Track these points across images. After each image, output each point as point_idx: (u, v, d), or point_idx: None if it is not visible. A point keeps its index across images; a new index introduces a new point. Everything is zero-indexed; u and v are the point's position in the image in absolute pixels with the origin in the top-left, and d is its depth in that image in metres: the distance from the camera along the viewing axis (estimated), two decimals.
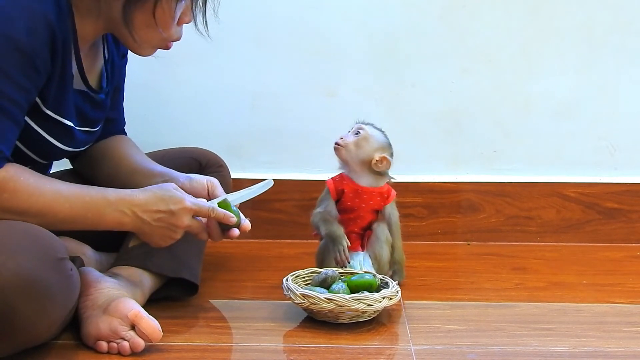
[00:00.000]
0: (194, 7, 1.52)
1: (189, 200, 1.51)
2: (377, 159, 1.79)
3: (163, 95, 2.21)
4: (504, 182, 2.26)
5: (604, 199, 2.25)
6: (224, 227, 1.56)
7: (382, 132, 1.84)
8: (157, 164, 1.71)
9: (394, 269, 1.84)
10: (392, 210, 1.83)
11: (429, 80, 2.23)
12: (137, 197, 1.49)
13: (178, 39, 1.56)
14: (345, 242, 1.78)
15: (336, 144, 1.78)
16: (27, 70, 1.39)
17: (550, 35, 2.22)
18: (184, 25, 1.56)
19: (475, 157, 2.26)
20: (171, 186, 1.53)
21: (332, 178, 1.82)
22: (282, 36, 2.20)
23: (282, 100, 2.23)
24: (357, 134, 1.79)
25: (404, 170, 2.24)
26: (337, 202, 1.82)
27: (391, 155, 1.82)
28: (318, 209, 1.82)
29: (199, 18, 1.54)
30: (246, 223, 1.59)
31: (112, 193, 1.48)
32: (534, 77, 2.23)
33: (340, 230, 1.79)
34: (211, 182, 1.64)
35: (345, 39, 2.21)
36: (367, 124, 1.83)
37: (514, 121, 2.25)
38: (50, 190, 1.42)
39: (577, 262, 2.12)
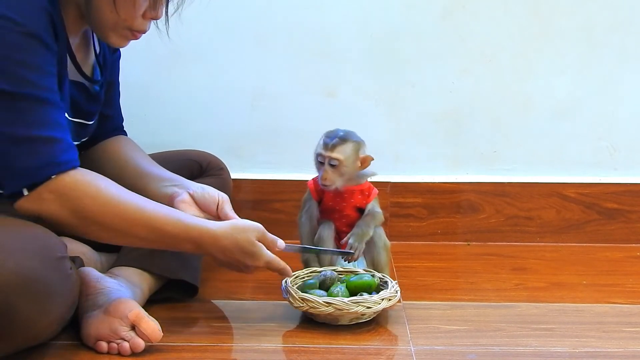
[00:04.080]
0: (156, 4, 1.50)
1: (265, 260, 1.54)
2: (359, 165, 1.77)
3: (163, 95, 2.21)
4: (504, 183, 2.26)
5: (604, 199, 2.25)
6: None
7: (345, 134, 1.76)
8: (162, 168, 1.72)
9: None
10: (373, 207, 1.80)
11: (429, 80, 2.23)
12: (219, 241, 1.49)
13: (143, 31, 1.54)
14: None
15: (324, 185, 1.76)
16: (46, 56, 1.40)
17: (550, 35, 2.21)
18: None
19: (475, 157, 2.26)
20: (256, 235, 1.53)
21: (313, 179, 1.82)
22: (282, 36, 2.20)
23: (282, 101, 2.23)
24: (332, 165, 1.76)
25: (404, 171, 2.26)
26: (320, 202, 1.81)
27: (365, 145, 1.78)
28: (302, 212, 1.82)
29: (162, 17, 1.53)
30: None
31: (194, 227, 1.48)
32: (534, 77, 2.23)
33: (311, 255, 1.80)
34: (222, 198, 1.64)
35: (345, 39, 2.21)
36: (332, 141, 1.74)
37: (514, 121, 2.25)
38: (132, 208, 1.44)
39: (577, 262, 2.12)
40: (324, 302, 1.59)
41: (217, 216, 1.62)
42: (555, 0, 2.20)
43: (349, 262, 1.79)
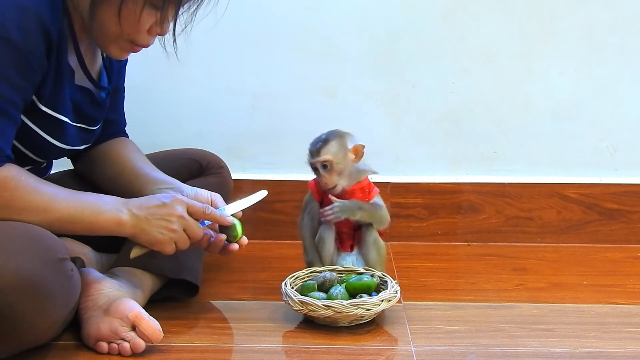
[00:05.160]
0: (162, 21, 1.50)
1: (181, 195, 1.55)
2: (353, 157, 1.77)
3: (163, 96, 2.21)
4: (504, 183, 2.26)
5: (604, 200, 2.25)
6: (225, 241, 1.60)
7: (327, 135, 1.76)
8: (160, 171, 1.72)
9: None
10: (375, 201, 1.79)
11: (429, 80, 2.23)
12: (132, 199, 1.52)
13: (146, 46, 1.54)
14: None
15: (329, 189, 1.75)
16: (23, 70, 1.40)
17: (550, 35, 2.21)
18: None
19: (476, 157, 2.26)
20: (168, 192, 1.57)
21: (314, 179, 1.81)
22: (282, 37, 2.20)
23: (282, 101, 2.23)
24: (325, 167, 1.74)
25: (405, 171, 2.25)
26: (322, 202, 1.81)
27: (352, 136, 1.77)
28: (304, 213, 1.82)
29: (169, 35, 1.53)
30: (244, 238, 1.62)
31: (108, 196, 1.52)
32: (534, 77, 2.23)
33: (315, 257, 1.80)
34: (214, 197, 1.65)
35: (345, 39, 2.21)
36: (315, 147, 1.75)
37: (514, 122, 2.25)
38: (49, 190, 1.44)
39: (577, 262, 2.12)
40: (323, 305, 1.59)
41: None
42: (555, 0, 2.20)
43: (322, 218, 1.77)
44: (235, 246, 1.60)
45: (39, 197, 1.42)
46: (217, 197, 1.65)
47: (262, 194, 1.67)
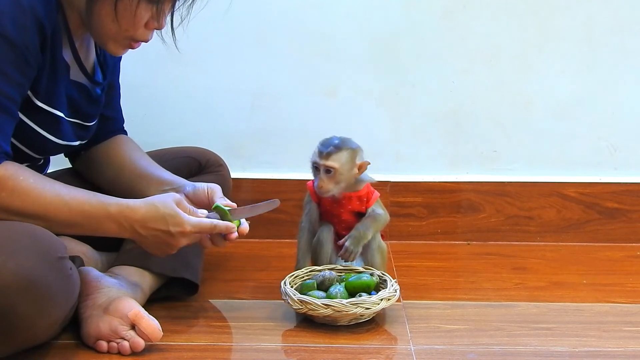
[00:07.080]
0: (159, 14, 1.49)
1: (189, 224, 1.50)
2: (357, 171, 1.77)
3: (163, 95, 2.21)
4: (504, 182, 2.26)
5: (604, 199, 2.25)
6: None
7: (341, 142, 1.75)
8: (162, 169, 1.71)
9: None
10: (374, 209, 1.78)
11: (429, 80, 2.23)
12: (138, 212, 1.48)
13: (145, 41, 1.54)
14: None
15: (320, 193, 1.74)
16: (19, 65, 1.40)
17: (550, 35, 2.21)
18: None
19: (476, 157, 2.26)
20: (173, 200, 1.51)
21: (312, 180, 1.81)
22: (282, 36, 2.20)
23: (282, 100, 2.23)
24: (328, 172, 1.73)
25: (404, 170, 2.26)
26: (319, 203, 1.81)
27: (361, 151, 1.77)
28: (303, 215, 1.82)
29: (167, 28, 1.53)
30: (244, 226, 1.59)
31: (113, 204, 1.47)
32: (534, 77, 2.23)
33: (306, 263, 1.80)
34: (211, 188, 1.64)
35: (345, 39, 2.21)
36: (326, 150, 1.73)
37: (514, 121, 2.25)
38: (50, 193, 1.42)
39: (577, 261, 2.12)
40: (322, 304, 1.59)
41: (210, 206, 1.62)
42: (555, 0, 2.20)
43: (345, 261, 1.79)
44: (235, 234, 1.58)
45: (38, 201, 1.40)
46: (215, 188, 1.64)
47: (273, 203, 1.65)
